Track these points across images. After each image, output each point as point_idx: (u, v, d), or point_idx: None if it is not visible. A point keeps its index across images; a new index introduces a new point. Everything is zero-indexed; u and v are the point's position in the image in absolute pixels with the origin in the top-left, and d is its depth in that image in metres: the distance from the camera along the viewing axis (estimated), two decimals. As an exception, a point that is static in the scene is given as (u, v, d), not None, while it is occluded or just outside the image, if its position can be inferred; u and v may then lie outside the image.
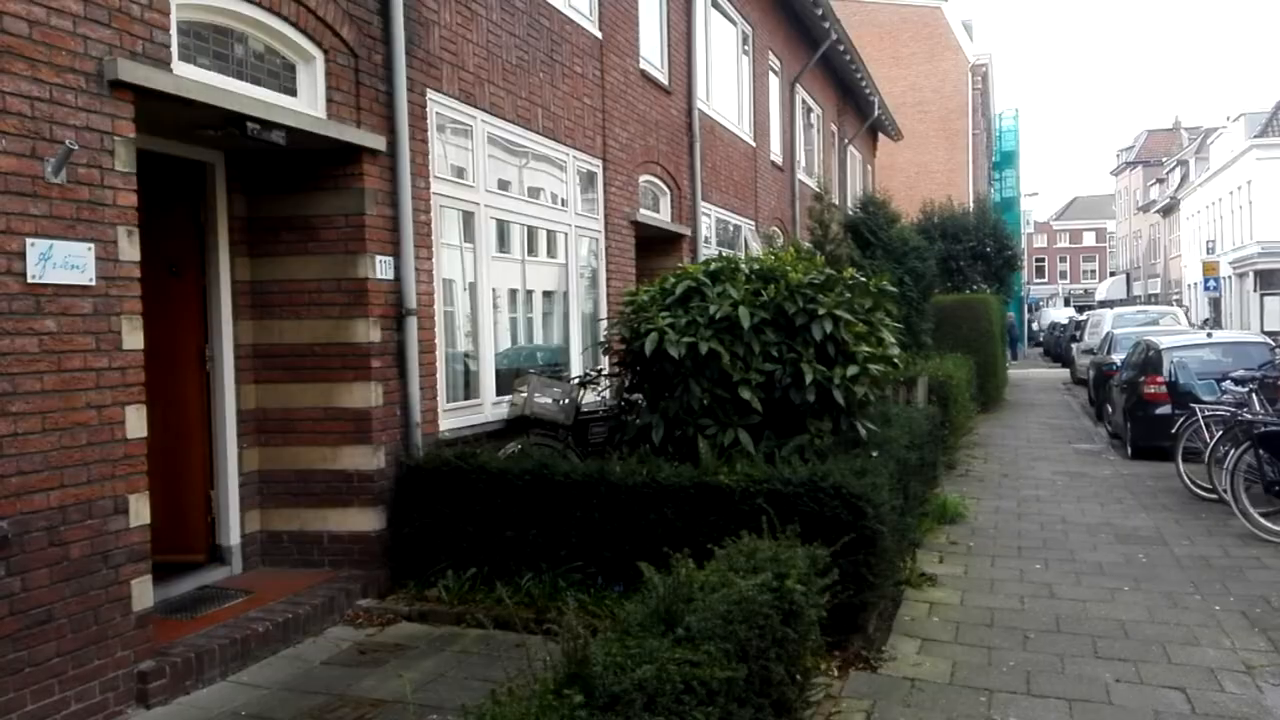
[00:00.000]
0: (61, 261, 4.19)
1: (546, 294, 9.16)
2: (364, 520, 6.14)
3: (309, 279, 6.17)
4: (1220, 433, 9.17)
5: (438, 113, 6.98)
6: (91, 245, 4.32)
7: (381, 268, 6.22)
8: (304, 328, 6.18)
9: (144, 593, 4.57)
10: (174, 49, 4.88)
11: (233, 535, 6.11)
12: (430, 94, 6.85)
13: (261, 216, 6.24)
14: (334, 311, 6.15)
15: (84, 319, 4.30)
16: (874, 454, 6.08)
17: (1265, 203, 37.22)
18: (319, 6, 5.81)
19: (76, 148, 4.21)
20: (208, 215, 6.09)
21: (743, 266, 6.73)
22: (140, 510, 4.55)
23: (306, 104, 5.87)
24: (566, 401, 7.56)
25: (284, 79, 5.78)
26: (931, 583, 6.69)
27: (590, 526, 5.72)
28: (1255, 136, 38.35)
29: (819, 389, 6.03)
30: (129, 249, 4.51)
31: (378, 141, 6.20)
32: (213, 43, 5.30)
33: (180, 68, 4.96)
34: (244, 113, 5.20)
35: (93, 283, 4.33)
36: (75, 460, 4.24)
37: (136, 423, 4.54)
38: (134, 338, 4.54)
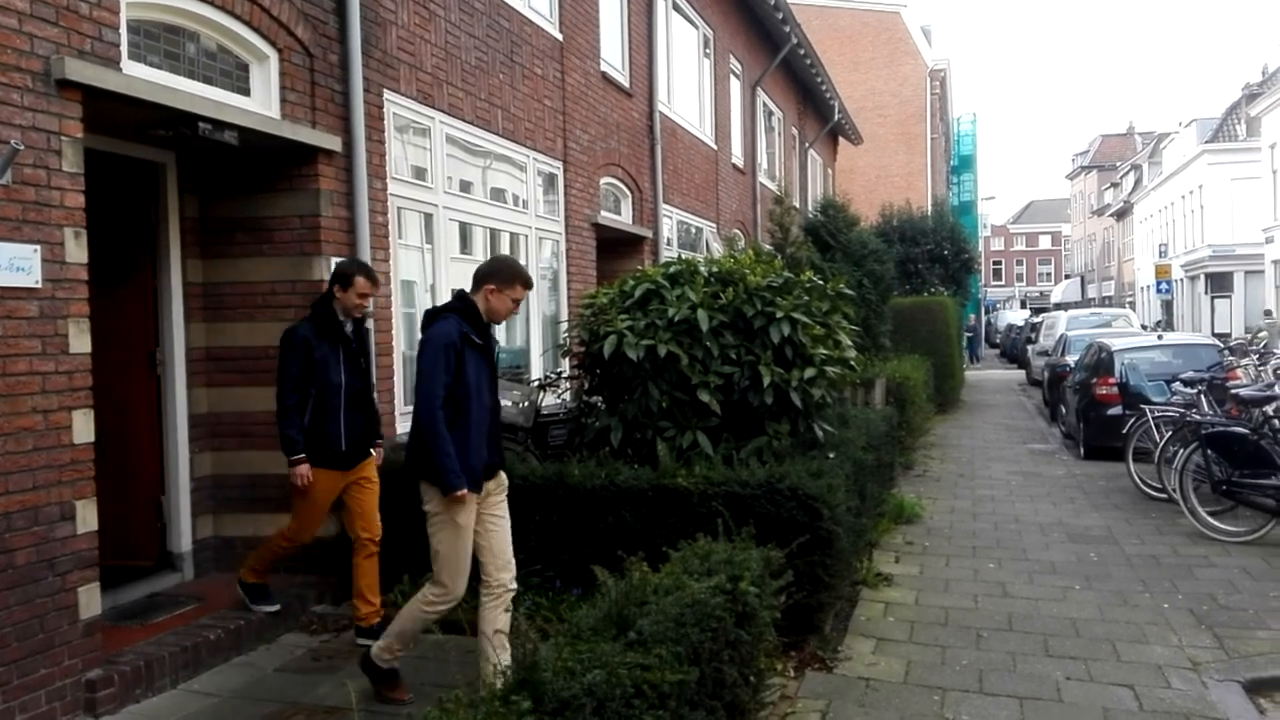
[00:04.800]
0: (6, 264, 4.10)
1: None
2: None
3: (263, 281, 6.10)
4: (1170, 433, 9.34)
5: (395, 113, 6.93)
6: (38, 247, 4.24)
7: (337, 270, 6.16)
8: (258, 330, 6.10)
9: (92, 600, 4.49)
10: (124, 48, 4.81)
11: (184, 541, 6.02)
12: (387, 94, 6.80)
13: (214, 217, 6.16)
14: (288, 314, 6.06)
15: (30, 322, 4.22)
16: (831, 455, 6.13)
17: (1216, 207, 38.02)
18: (273, 5, 5.75)
19: (22, 148, 4.13)
20: (159, 216, 6.00)
21: (701, 269, 6.75)
22: (88, 516, 4.47)
23: (260, 104, 5.81)
24: (526, 404, 7.54)
25: (237, 78, 5.71)
26: (887, 582, 6.75)
27: (549, 529, 5.71)
28: (1206, 142, 39.18)
29: (777, 391, 6.06)
30: (76, 251, 4.43)
31: (333, 142, 6.14)
32: (164, 41, 5.23)
33: (130, 67, 4.88)
34: (195, 112, 5.13)
35: (39, 285, 4.25)
36: (20, 466, 4.16)
37: (84, 428, 4.46)
38: (81, 341, 4.46)
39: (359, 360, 5.49)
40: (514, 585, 4.62)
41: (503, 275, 4.61)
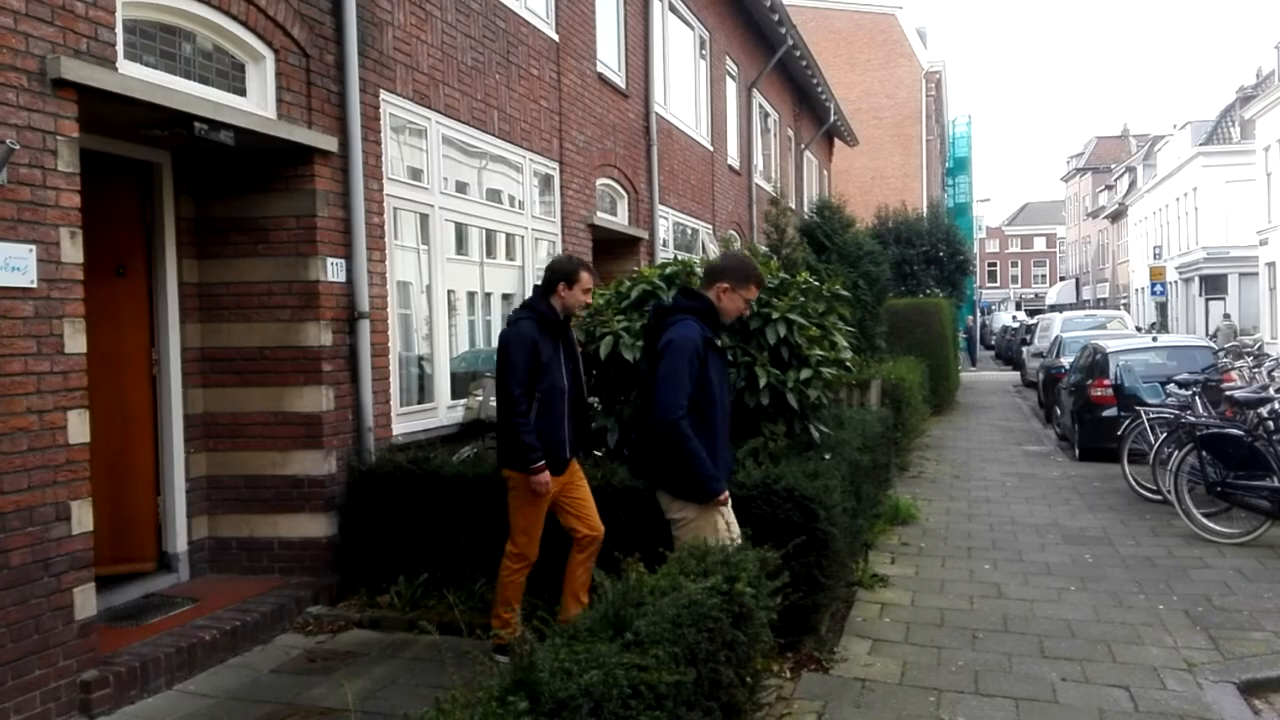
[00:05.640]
0: (2, 264, 4.10)
1: (504, 296, 9.13)
2: (314, 526, 6.07)
3: (259, 281, 6.09)
4: (1164, 435, 9.35)
5: (391, 114, 6.93)
6: (33, 247, 4.24)
7: (333, 270, 6.16)
8: (253, 330, 6.10)
9: (87, 601, 4.48)
10: (119, 47, 4.80)
11: (180, 542, 6.01)
12: (384, 95, 6.79)
13: (210, 218, 6.16)
14: (284, 314, 6.07)
15: (25, 322, 4.21)
16: (827, 456, 6.13)
17: (1210, 209, 38.10)
18: (269, 5, 5.74)
19: (18, 147, 4.12)
20: (155, 216, 5.99)
21: (697, 270, 6.75)
22: (83, 517, 4.46)
23: (256, 104, 5.80)
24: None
25: (233, 78, 5.70)
26: (883, 584, 6.75)
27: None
28: (1201, 145, 39.26)
29: (773, 392, 6.06)
30: (72, 251, 4.43)
31: (329, 142, 6.14)
32: (160, 41, 5.22)
33: (126, 66, 4.87)
34: (191, 112, 5.13)
35: (34, 285, 4.25)
36: (15, 466, 4.15)
37: (79, 428, 4.45)
38: (77, 341, 4.45)
39: (577, 361, 5.28)
40: None
41: (739, 274, 4.43)
